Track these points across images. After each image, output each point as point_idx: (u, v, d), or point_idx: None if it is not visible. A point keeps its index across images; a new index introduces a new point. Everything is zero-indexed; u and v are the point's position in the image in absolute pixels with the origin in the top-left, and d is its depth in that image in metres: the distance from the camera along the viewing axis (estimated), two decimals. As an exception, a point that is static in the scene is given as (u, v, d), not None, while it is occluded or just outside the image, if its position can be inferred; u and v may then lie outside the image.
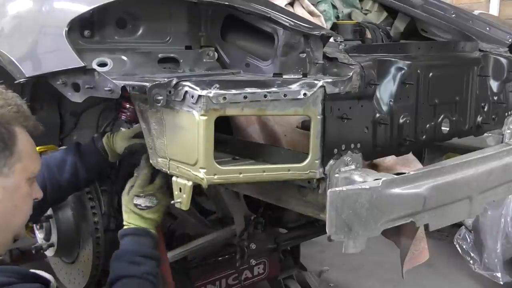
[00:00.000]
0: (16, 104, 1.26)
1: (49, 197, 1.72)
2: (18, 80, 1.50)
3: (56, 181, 1.75)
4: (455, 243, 3.72)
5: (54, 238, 2.04)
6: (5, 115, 1.21)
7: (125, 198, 1.69)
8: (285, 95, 1.35)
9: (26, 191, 1.27)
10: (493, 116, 2.04)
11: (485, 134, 2.06)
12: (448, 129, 1.84)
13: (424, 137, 1.76)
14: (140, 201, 1.66)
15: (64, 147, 2.03)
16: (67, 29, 1.42)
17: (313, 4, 2.20)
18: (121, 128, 1.89)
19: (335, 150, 1.45)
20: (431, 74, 1.74)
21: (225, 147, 1.62)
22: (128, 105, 1.80)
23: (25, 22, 1.63)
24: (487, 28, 2.22)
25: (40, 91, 2.19)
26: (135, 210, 1.65)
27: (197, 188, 1.43)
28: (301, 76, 1.51)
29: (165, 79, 1.32)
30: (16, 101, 1.27)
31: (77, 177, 1.78)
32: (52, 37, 1.49)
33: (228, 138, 1.73)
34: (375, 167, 1.86)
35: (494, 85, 2.04)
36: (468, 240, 3.66)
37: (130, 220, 1.66)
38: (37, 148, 2.02)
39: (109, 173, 2.05)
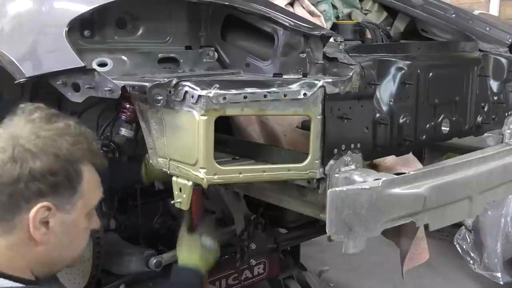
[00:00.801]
0: (86, 141, 1.25)
1: None
2: (18, 80, 1.50)
3: None
4: (455, 243, 3.72)
5: (54, 238, 2.04)
6: (74, 153, 1.20)
7: (189, 236, 1.74)
8: (285, 95, 1.35)
9: (84, 225, 1.27)
10: (493, 116, 2.04)
11: (485, 134, 2.06)
12: (448, 129, 1.84)
13: (424, 137, 1.76)
14: (209, 242, 1.73)
15: None
16: (67, 29, 1.42)
17: (313, 4, 2.19)
18: (121, 128, 1.89)
19: (335, 150, 1.45)
20: (431, 74, 1.74)
21: (225, 147, 1.62)
22: (128, 105, 1.79)
23: (25, 22, 1.63)
24: (487, 28, 2.22)
25: (40, 91, 2.19)
26: (202, 250, 1.70)
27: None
28: (301, 76, 1.51)
29: (165, 79, 1.32)
30: (87, 137, 1.26)
31: None
32: (52, 37, 1.49)
33: (228, 138, 1.73)
34: (375, 167, 1.86)
35: (494, 85, 2.04)
36: (468, 240, 3.66)
37: (191, 257, 1.69)
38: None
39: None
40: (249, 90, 1.32)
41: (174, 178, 1.44)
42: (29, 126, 1.19)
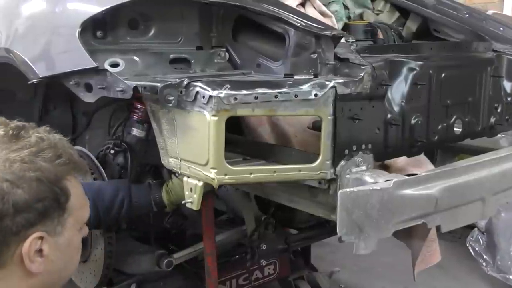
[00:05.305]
0: (64, 151, 1.11)
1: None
2: (31, 80, 1.52)
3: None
4: (467, 245, 3.69)
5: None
6: (56, 171, 1.07)
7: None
8: (296, 96, 1.35)
9: (78, 241, 1.17)
10: (506, 117, 2.02)
11: (498, 135, 2.04)
12: (460, 130, 1.82)
13: (436, 138, 1.74)
14: None
15: (109, 181, 1.96)
16: (79, 30, 1.43)
17: (324, 5, 2.19)
18: (133, 128, 1.90)
19: (346, 151, 1.45)
20: (443, 74, 1.73)
21: (236, 148, 1.62)
22: (139, 106, 1.80)
23: (39, 23, 1.65)
24: (501, 28, 2.20)
25: (53, 91, 2.21)
26: None
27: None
28: (312, 76, 1.51)
29: (177, 80, 1.33)
30: (64, 147, 1.11)
31: (119, 220, 1.93)
32: (65, 38, 1.50)
33: (239, 138, 1.73)
34: (386, 168, 1.85)
35: (507, 85, 2.02)
36: (481, 242, 3.62)
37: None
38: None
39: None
40: (260, 90, 1.32)
41: (185, 179, 1.44)
42: None
